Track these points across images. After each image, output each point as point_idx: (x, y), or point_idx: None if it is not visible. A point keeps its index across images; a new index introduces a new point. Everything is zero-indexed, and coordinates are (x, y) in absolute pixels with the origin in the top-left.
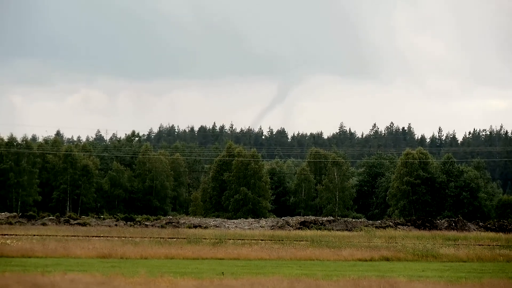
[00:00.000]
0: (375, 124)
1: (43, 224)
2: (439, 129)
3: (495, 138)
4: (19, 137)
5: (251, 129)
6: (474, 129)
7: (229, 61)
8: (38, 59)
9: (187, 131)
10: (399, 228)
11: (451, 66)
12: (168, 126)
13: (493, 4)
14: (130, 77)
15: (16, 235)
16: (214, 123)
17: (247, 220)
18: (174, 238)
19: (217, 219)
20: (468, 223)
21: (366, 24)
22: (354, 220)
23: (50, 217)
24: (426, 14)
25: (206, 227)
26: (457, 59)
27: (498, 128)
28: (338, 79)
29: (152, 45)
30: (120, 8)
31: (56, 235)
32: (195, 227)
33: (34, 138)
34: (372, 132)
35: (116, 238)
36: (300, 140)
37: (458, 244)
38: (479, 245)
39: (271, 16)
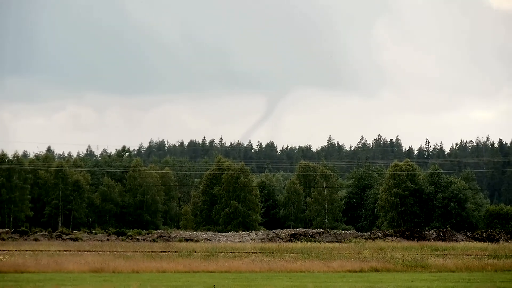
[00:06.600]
0: (363, 137)
1: (36, 239)
2: (427, 141)
3: (482, 149)
4: (10, 154)
5: (240, 143)
6: (461, 140)
7: (216, 77)
8: (27, 77)
9: (177, 145)
10: (388, 239)
11: (435, 78)
12: (158, 141)
13: (476, 18)
14: (118, 93)
15: (8, 250)
16: (204, 137)
17: (237, 233)
18: (165, 252)
19: (207, 232)
20: (456, 234)
21: (350, 38)
22: (343, 232)
23: (42, 233)
24: (409, 27)
25: (197, 241)
26: (441, 72)
27: (485, 139)
28: (325, 93)
29: (139, 62)
30: (107, 27)
31: (49, 250)
32: (186, 240)
33: (25, 155)
34: (360, 145)
35: (108, 253)
36: (289, 153)
37: (447, 255)
38: (467, 255)
39: (254, 35)
